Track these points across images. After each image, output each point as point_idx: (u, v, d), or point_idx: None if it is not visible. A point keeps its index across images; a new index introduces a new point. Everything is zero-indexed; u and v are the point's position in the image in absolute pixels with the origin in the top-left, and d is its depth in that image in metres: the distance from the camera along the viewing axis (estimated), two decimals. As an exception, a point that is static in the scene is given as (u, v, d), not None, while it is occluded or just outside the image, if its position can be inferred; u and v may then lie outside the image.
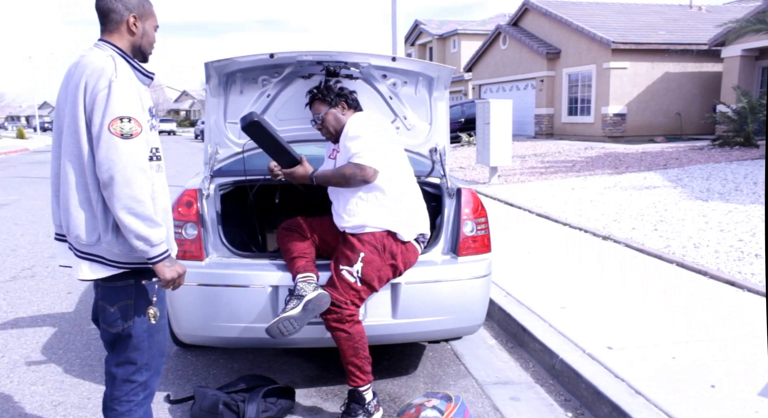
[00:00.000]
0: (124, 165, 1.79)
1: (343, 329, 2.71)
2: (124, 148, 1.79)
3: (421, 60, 3.41)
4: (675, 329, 3.57)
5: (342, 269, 2.74)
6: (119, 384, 2.05)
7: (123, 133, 1.79)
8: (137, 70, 1.96)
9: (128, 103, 1.82)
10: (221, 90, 3.22)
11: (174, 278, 1.94)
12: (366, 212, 2.78)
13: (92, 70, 1.83)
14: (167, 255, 1.92)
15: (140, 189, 1.81)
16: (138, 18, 1.96)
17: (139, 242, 1.84)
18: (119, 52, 1.93)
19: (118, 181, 1.78)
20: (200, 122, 37.43)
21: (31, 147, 30.05)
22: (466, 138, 19.28)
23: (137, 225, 1.82)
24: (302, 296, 2.67)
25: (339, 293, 2.71)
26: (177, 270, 1.95)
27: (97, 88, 1.81)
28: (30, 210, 9.17)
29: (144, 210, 1.82)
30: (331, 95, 2.89)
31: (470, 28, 33.38)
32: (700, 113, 18.81)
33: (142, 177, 1.82)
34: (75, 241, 1.91)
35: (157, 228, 1.87)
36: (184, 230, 2.91)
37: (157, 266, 1.90)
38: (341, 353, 2.74)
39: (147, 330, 2.02)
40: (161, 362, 2.14)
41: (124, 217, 1.81)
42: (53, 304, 4.57)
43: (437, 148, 3.38)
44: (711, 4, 24.75)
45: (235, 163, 3.34)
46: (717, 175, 9.72)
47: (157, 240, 1.87)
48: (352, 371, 2.75)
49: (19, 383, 3.23)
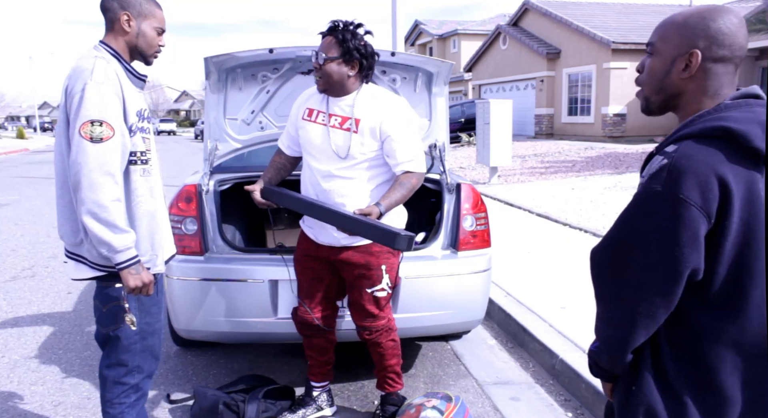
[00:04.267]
0: (90, 169, 1.78)
1: (392, 338, 2.67)
2: (91, 152, 1.78)
3: (421, 55, 3.41)
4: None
5: (372, 292, 2.54)
6: (110, 386, 2.04)
7: (92, 136, 1.78)
8: (129, 72, 1.95)
9: (100, 107, 1.80)
10: (221, 86, 3.23)
11: (138, 286, 1.88)
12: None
13: (73, 71, 1.85)
14: (133, 262, 1.87)
15: (104, 194, 1.79)
16: (133, 17, 1.93)
17: (102, 247, 1.83)
18: (112, 53, 1.91)
19: (84, 185, 1.78)
20: (200, 122, 37.42)
21: (31, 147, 30.05)
22: (466, 138, 19.27)
23: (99, 230, 1.80)
24: (322, 408, 2.82)
25: (377, 312, 2.59)
26: (142, 279, 1.88)
27: (74, 90, 1.81)
28: (30, 210, 9.17)
29: (107, 216, 1.80)
30: (351, 48, 2.32)
31: (470, 28, 33.38)
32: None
33: (108, 182, 1.80)
34: (63, 241, 1.95)
35: (122, 234, 1.83)
36: (183, 226, 2.92)
37: (122, 272, 1.86)
38: (383, 362, 2.69)
39: (139, 333, 2.00)
40: (154, 365, 2.12)
41: (87, 221, 1.80)
42: (53, 304, 4.57)
43: (437, 145, 3.39)
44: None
45: (234, 159, 3.35)
46: (717, 175, 9.70)
47: (121, 246, 1.83)
48: (391, 377, 2.75)
49: (19, 383, 3.23)
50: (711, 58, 1.17)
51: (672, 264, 1.12)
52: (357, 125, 2.39)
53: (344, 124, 2.41)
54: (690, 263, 1.12)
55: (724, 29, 1.16)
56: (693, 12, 1.20)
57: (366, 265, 2.51)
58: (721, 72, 1.19)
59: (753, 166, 1.12)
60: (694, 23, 1.18)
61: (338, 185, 2.43)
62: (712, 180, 1.09)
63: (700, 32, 1.17)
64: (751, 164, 1.12)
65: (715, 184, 1.09)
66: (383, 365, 2.71)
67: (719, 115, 1.15)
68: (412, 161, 2.41)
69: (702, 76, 1.19)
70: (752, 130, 1.11)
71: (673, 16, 1.23)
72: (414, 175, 2.41)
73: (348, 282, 2.60)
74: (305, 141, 2.51)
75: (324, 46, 2.35)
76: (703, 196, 1.09)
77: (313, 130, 2.47)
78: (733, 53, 1.17)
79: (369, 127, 2.38)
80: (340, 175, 2.42)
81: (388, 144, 2.39)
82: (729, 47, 1.17)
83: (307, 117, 2.51)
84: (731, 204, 1.10)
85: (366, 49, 2.36)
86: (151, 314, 2.06)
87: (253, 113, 3.34)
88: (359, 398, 3.05)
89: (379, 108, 2.40)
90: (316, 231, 2.55)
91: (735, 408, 1.19)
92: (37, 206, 9.51)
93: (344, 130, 2.40)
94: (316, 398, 2.82)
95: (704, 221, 1.10)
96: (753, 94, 1.19)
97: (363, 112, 2.40)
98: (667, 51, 1.21)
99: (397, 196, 2.35)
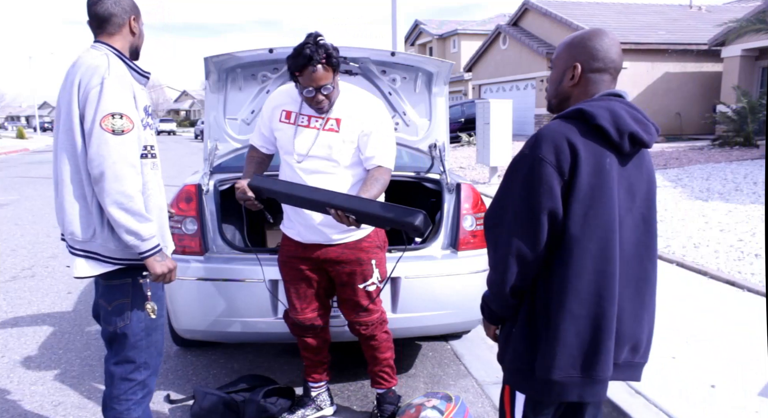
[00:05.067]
0: (114, 161, 1.81)
1: (385, 330, 2.70)
2: (114, 144, 1.81)
3: (421, 55, 3.42)
4: (675, 328, 3.56)
5: (364, 287, 2.57)
6: (118, 383, 2.05)
7: (114, 129, 1.81)
8: (133, 69, 1.98)
9: (120, 100, 1.84)
10: (221, 86, 3.23)
11: (164, 272, 1.95)
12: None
13: (86, 67, 1.86)
14: (158, 250, 1.93)
15: (130, 184, 1.83)
16: (136, 19, 2.01)
17: (130, 236, 1.86)
18: (115, 53, 1.95)
19: (108, 176, 1.81)
20: (200, 122, 37.41)
21: (31, 147, 30.04)
22: (466, 138, 19.26)
23: (127, 220, 1.84)
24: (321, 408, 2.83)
25: (371, 307, 2.61)
26: (167, 265, 1.96)
27: (90, 85, 1.83)
28: (30, 210, 9.17)
29: (133, 205, 1.84)
30: (335, 59, 2.29)
31: (470, 28, 33.38)
32: (700, 113, 18.81)
33: (132, 173, 1.84)
34: (70, 237, 1.92)
35: (147, 223, 1.88)
36: (183, 226, 2.92)
37: (148, 260, 1.91)
38: (378, 355, 2.71)
39: (144, 329, 2.02)
40: (159, 361, 2.14)
41: (114, 212, 1.83)
42: (53, 304, 4.57)
43: (437, 144, 3.39)
44: (711, 4, 24.76)
45: (234, 159, 3.36)
46: (717, 175, 9.71)
47: (148, 235, 1.88)
48: (386, 372, 2.76)
49: (19, 383, 3.23)
50: (589, 69, 1.52)
51: (532, 210, 1.42)
52: (338, 124, 2.41)
53: (326, 125, 2.41)
54: (546, 207, 1.41)
55: (598, 47, 1.51)
56: (577, 35, 1.55)
57: (357, 261, 2.52)
58: (598, 80, 1.53)
59: (602, 142, 1.44)
60: (576, 43, 1.53)
61: (319, 183, 2.39)
62: (565, 145, 1.41)
63: (581, 50, 1.52)
64: (601, 140, 1.43)
65: (567, 148, 1.41)
66: (378, 358, 2.72)
67: (581, 104, 1.48)
68: (384, 157, 2.42)
69: (584, 84, 1.53)
70: (600, 112, 1.43)
71: (565, 39, 1.58)
72: (385, 170, 2.42)
73: (338, 281, 2.58)
74: (285, 142, 2.48)
75: (321, 77, 2.27)
76: (557, 157, 1.40)
77: (293, 132, 2.45)
78: (606, 66, 1.52)
79: (350, 126, 2.40)
80: (323, 171, 2.42)
81: (363, 139, 2.41)
82: (603, 61, 1.51)
83: (285, 119, 2.48)
84: (579, 166, 1.40)
85: (336, 51, 2.32)
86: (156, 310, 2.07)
87: (253, 113, 3.34)
88: (359, 397, 3.05)
89: (359, 106, 2.43)
90: (302, 230, 2.52)
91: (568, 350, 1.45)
92: (37, 206, 9.51)
93: (326, 130, 2.41)
94: (315, 398, 2.82)
95: (557, 176, 1.40)
96: (615, 94, 1.50)
97: (343, 112, 2.41)
98: (560, 65, 1.58)
99: (374, 191, 2.32)
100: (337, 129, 2.41)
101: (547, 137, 1.43)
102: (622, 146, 1.44)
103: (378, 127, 2.43)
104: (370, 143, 2.41)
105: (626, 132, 1.42)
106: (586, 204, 1.41)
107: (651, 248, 1.54)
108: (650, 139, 1.47)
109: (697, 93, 19.43)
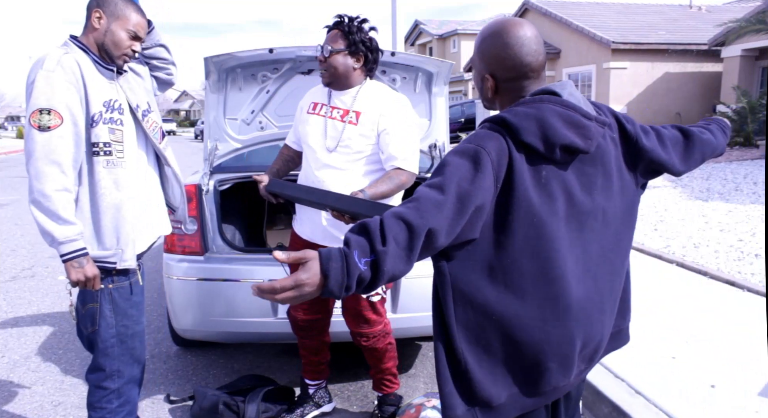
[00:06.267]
0: (36, 157, 1.79)
1: (388, 342, 2.67)
2: (39, 141, 1.79)
3: (421, 55, 3.42)
4: (675, 328, 3.56)
5: (368, 298, 2.53)
6: (92, 390, 2.03)
7: (40, 125, 1.79)
8: (97, 63, 1.94)
9: (50, 95, 1.79)
10: (221, 86, 3.23)
11: (81, 279, 1.85)
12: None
13: (32, 63, 1.87)
14: (78, 255, 1.84)
15: (48, 184, 1.79)
16: (104, 15, 1.94)
17: (46, 237, 1.82)
18: (80, 46, 1.92)
19: (31, 173, 1.80)
20: (200, 122, 37.39)
21: (31, 147, 30.00)
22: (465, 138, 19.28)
23: (42, 220, 1.80)
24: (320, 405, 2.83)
25: (373, 318, 2.58)
26: (85, 272, 1.85)
27: (28, 81, 1.83)
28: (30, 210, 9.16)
29: (50, 205, 1.79)
30: (357, 40, 2.32)
31: (470, 28, 33.37)
32: (700, 113, 18.80)
33: (53, 171, 1.79)
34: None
35: (65, 225, 1.81)
36: (183, 225, 2.92)
37: (65, 264, 1.85)
38: (380, 364, 2.70)
39: (116, 336, 1.98)
40: (137, 370, 2.09)
41: (32, 209, 1.82)
42: (53, 304, 4.57)
43: (437, 145, 3.38)
44: (711, 4, 24.75)
45: (234, 159, 3.36)
46: (717, 175, 9.71)
47: (63, 238, 1.81)
48: (388, 379, 2.75)
49: (19, 383, 3.23)
50: (503, 79, 1.34)
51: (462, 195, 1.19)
52: (357, 118, 2.36)
53: (345, 117, 2.38)
54: (476, 199, 1.19)
55: (504, 55, 1.31)
56: (485, 34, 1.35)
57: None
58: (517, 86, 1.34)
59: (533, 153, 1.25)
60: (484, 50, 1.35)
61: (331, 176, 2.37)
62: (505, 151, 1.23)
63: (490, 60, 1.34)
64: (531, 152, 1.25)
65: (507, 156, 1.23)
66: (379, 368, 2.71)
67: (505, 112, 1.28)
68: (405, 160, 2.34)
69: (504, 91, 1.36)
70: (525, 125, 1.24)
71: (478, 34, 1.38)
72: (404, 173, 2.34)
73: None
74: (304, 133, 2.48)
75: (330, 38, 2.33)
76: (497, 156, 1.22)
77: (314, 121, 2.45)
78: (520, 72, 1.32)
79: (369, 120, 2.35)
80: (336, 166, 2.38)
81: (383, 137, 2.35)
82: (514, 69, 1.31)
83: (311, 110, 2.49)
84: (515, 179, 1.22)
85: (371, 42, 2.36)
86: (129, 316, 2.02)
87: (253, 113, 3.34)
88: (359, 398, 3.05)
89: (381, 102, 2.38)
90: (313, 230, 2.51)
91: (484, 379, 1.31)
92: (37, 206, 9.50)
93: (344, 122, 2.37)
94: (313, 396, 2.82)
95: (492, 175, 1.21)
96: (549, 91, 1.30)
97: (364, 105, 2.37)
98: (477, 71, 1.40)
99: (383, 188, 2.26)
100: (356, 122, 2.36)
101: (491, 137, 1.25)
102: (555, 158, 1.26)
103: (395, 125, 2.34)
104: (388, 143, 2.34)
105: (557, 145, 1.24)
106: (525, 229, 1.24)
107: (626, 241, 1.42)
108: (590, 144, 1.27)
109: (697, 93, 19.42)
